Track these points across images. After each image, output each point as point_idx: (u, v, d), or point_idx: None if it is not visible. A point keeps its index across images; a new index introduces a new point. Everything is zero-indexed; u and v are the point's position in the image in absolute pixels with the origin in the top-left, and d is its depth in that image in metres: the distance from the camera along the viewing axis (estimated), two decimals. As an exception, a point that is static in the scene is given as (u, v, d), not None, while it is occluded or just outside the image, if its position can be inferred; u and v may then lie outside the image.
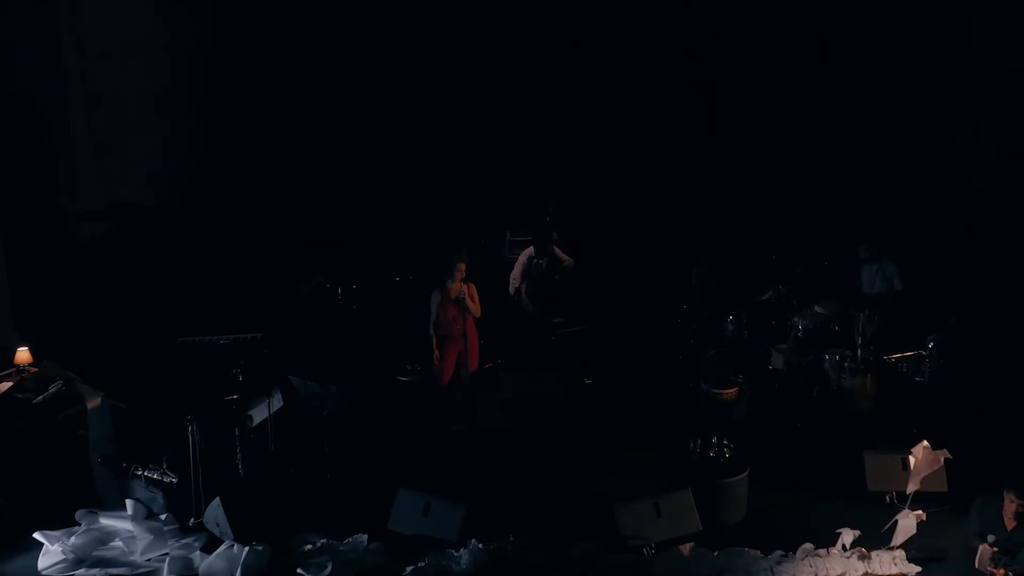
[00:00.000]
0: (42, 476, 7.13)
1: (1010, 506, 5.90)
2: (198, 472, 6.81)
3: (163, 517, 6.81)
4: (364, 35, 10.29)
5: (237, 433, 7.24)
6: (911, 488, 6.77)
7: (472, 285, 8.02)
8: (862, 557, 6.42)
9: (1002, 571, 5.82)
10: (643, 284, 10.00)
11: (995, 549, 5.87)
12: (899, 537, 6.50)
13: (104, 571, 6.44)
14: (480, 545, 6.46)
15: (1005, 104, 9.42)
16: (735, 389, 8.03)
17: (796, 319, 8.19)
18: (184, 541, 6.65)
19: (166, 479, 6.85)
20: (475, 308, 7.93)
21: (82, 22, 9.72)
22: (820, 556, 6.44)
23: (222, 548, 6.47)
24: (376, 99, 10.35)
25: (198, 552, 6.58)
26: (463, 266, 7.94)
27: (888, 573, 6.34)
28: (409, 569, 6.37)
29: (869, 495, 7.11)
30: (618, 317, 9.93)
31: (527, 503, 7.13)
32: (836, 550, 6.47)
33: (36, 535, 6.66)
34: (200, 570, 6.42)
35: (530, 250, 9.28)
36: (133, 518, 6.78)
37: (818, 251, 8.55)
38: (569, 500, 7.28)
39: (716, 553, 6.48)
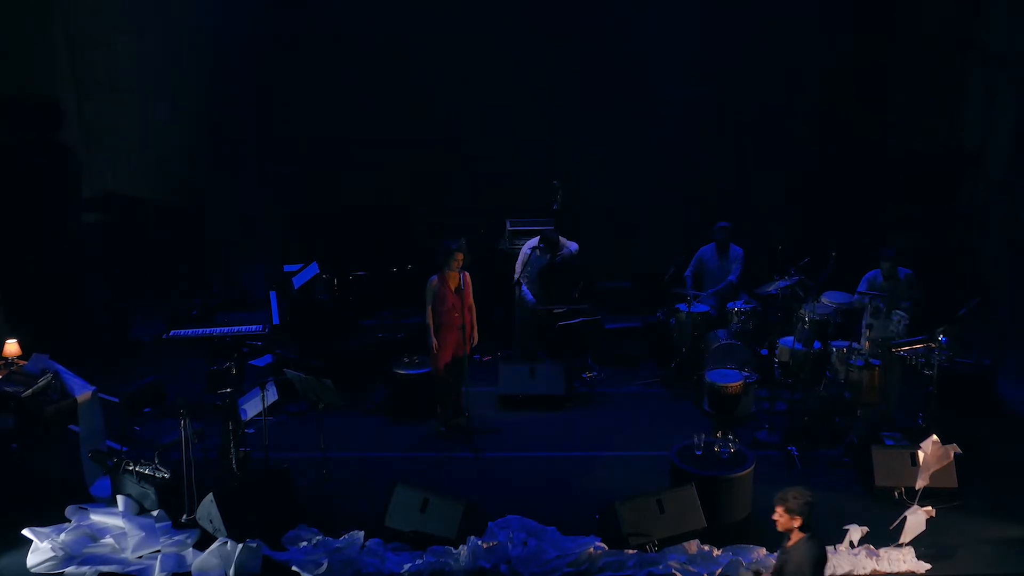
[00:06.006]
0: (31, 471, 7.01)
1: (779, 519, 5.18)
2: (191, 467, 6.68)
3: (155, 513, 6.71)
4: (361, 22, 10.10)
5: (231, 427, 7.11)
6: (920, 484, 6.66)
7: (467, 274, 7.91)
8: (870, 554, 6.30)
9: None
10: (646, 276, 9.85)
11: None
12: (908, 534, 6.41)
13: (94, 568, 6.34)
14: (480, 542, 6.33)
15: (1018, 93, 9.24)
16: (740, 383, 7.94)
17: (803, 311, 8.06)
18: (177, 538, 6.53)
19: (158, 474, 6.74)
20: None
21: (73, 9, 9.58)
22: (827, 553, 6.32)
23: (215, 545, 6.35)
24: (374, 86, 10.17)
25: (191, 549, 6.47)
26: (461, 255, 7.81)
27: (897, 570, 6.23)
28: (407, 567, 6.26)
29: (877, 491, 6.99)
30: (621, 309, 9.80)
31: (527, 499, 7.00)
32: (843, 547, 6.38)
33: (25, 532, 6.57)
34: (193, 567, 6.32)
35: (533, 241, 9.15)
36: (124, 514, 6.68)
37: (825, 241, 8.39)
38: (570, 496, 7.16)
39: (721, 550, 6.36)
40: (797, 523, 5.13)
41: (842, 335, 8.35)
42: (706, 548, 6.37)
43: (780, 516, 5.16)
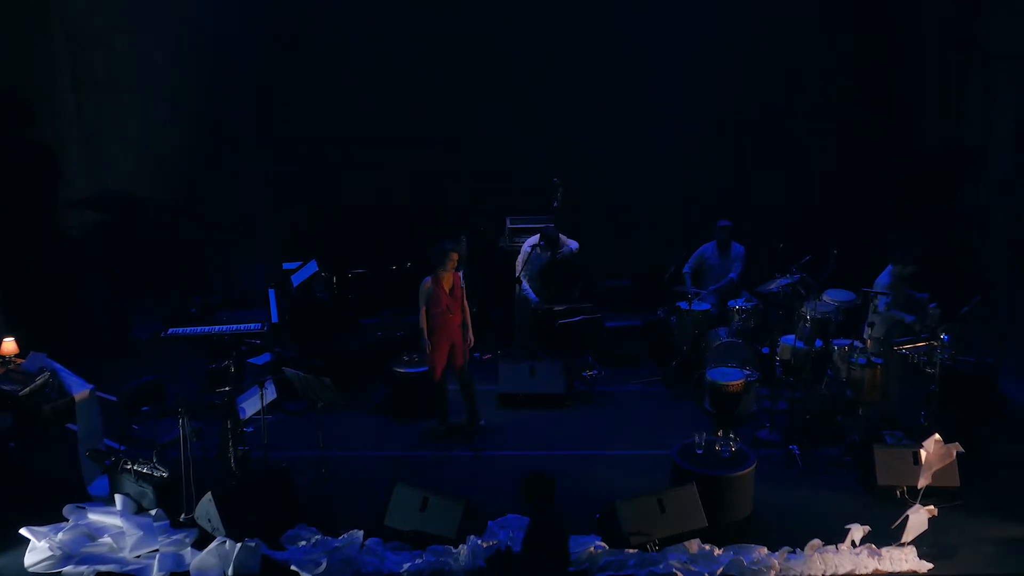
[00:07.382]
0: (29, 470, 6.98)
1: None
2: (189, 466, 6.65)
3: (153, 513, 6.68)
4: (361, 22, 10.10)
5: (229, 426, 7.08)
6: (922, 483, 6.63)
7: (459, 275, 7.86)
8: (872, 554, 6.27)
9: None
10: (646, 274, 9.83)
11: None
12: (910, 533, 6.38)
13: (92, 568, 6.31)
14: (480, 542, 6.30)
15: (1018, 93, 9.23)
16: (741, 381, 7.91)
17: (804, 309, 8.04)
18: (175, 537, 6.50)
19: (156, 473, 6.69)
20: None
21: (73, 9, 9.58)
22: (829, 552, 6.31)
23: (214, 544, 6.32)
24: (374, 86, 10.17)
25: (189, 548, 6.44)
26: (456, 256, 7.76)
27: (899, 570, 6.20)
28: (406, 566, 6.23)
29: (878, 490, 6.96)
30: (621, 307, 9.78)
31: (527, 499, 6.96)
32: (845, 546, 6.35)
33: (23, 531, 6.53)
34: (191, 567, 6.28)
35: (533, 238, 9.13)
36: (122, 514, 6.64)
37: (826, 240, 8.38)
38: (570, 496, 7.12)
39: (722, 549, 6.33)
40: None
41: (843, 333, 8.33)
42: (707, 547, 6.34)
43: None
